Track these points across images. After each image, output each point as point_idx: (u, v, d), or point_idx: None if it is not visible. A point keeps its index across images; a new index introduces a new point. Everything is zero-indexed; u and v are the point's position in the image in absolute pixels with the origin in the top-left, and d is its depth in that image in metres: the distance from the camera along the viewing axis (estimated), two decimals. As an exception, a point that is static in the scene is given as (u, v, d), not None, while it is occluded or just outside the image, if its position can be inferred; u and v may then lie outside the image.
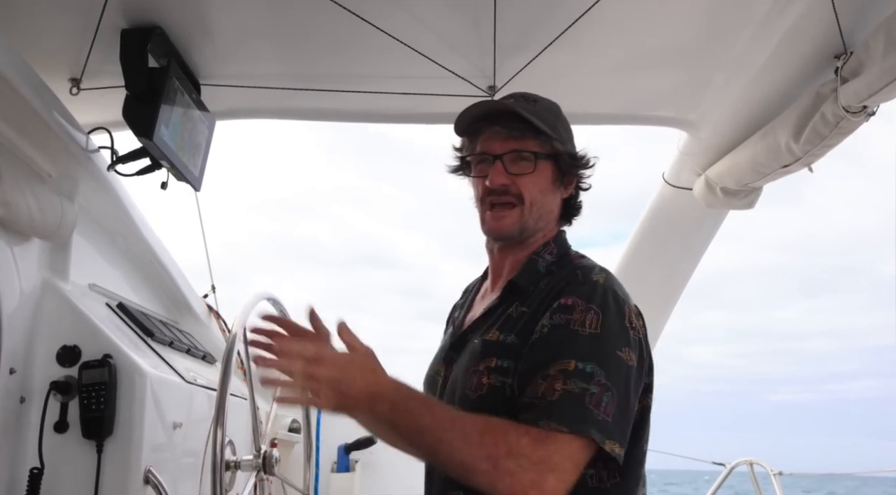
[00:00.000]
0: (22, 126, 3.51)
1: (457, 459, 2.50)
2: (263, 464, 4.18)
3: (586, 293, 2.75)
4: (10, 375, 3.50)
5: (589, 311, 2.69)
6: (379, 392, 2.53)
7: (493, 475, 2.46)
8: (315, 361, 2.51)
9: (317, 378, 2.48)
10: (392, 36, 4.26)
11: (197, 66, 4.63)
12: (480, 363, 2.81)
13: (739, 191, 5.36)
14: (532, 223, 2.97)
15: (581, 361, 2.59)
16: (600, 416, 2.54)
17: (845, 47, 4.11)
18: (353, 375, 2.52)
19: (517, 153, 2.92)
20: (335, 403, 2.50)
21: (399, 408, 2.53)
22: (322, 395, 2.48)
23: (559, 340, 2.67)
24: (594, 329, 2.66)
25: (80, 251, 4.05)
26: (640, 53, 4.68)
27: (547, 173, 2.97)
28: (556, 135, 2.95)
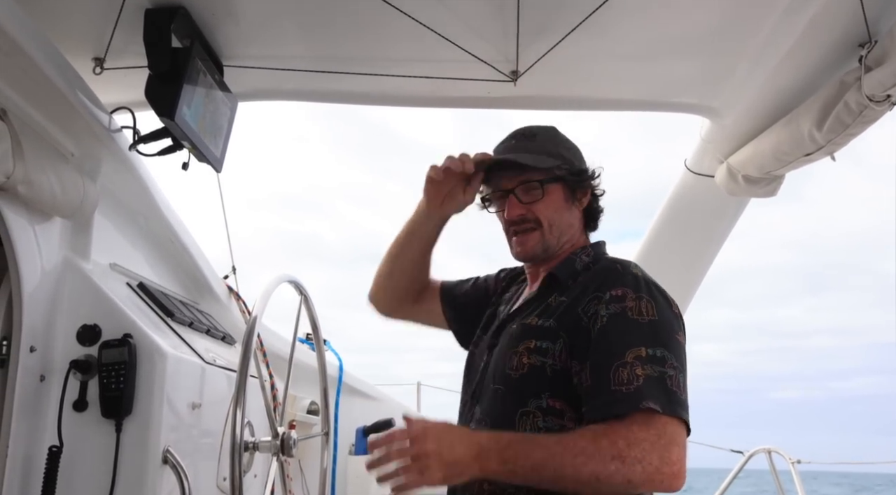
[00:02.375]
0: (45, 105, 3.52)
1: (585, 474, 2.58)
2: (281, 446, 4.19)
3: (632, 283, 2.94)
4: (30, 353, 3.51)
5: (641, 300, 2.87)
6: (481, 450, 2.64)
7: (623, 470, 2.56)
8: (410, 442, 2.64)
9: (423, 454, 2.61)
10: (416, 19, 4.26)
11: (220, 46, 4.63)
12: (520, 344, 3.02)
13: (761, 179, 5.35)
14: (555, 240, 3.27)
15: (650, 347, 2.76)
16: (682, 396, 2.76)
17: (870, 36, 4.10)
18: (450, 443, 2.64)
19: (525, 184, 3.26)
20: (443, 475, 2.62)
21: (507, 456, 2.63)
22: (426, 472, 2.59)
23: (623, 329, 2.83)
24: (652, 316, 2.84)
25: (101, 230, 4.05)
26: (664, 39, 4.66)
27: (558, 194, 3.29)
28: (557, 162, 3.29)
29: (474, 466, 2.62)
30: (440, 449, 2.61)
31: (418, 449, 2.61)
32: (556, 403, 2.92)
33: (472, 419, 3.15)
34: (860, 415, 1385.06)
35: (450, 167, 3.37)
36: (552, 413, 2.92)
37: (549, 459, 2.61)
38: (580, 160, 3.43)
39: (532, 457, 2.62)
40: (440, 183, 3.45)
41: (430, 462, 2.60)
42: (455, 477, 2.65)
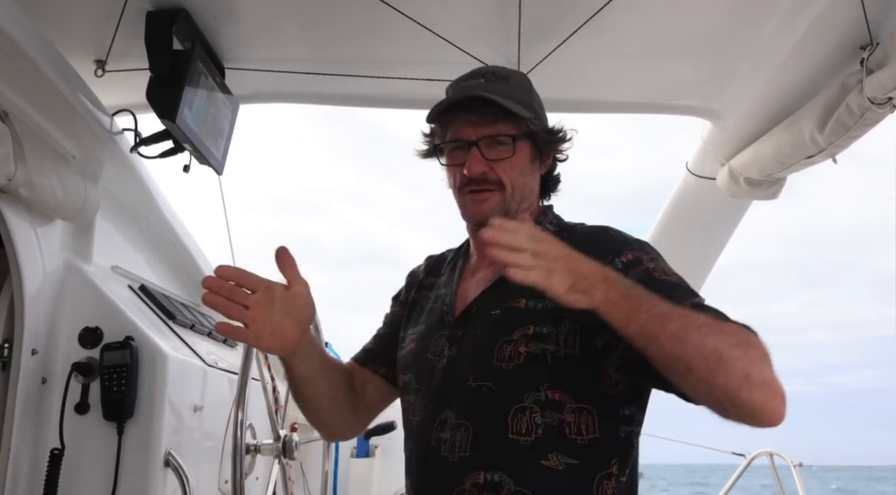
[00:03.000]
0: (47, 107, 3.52)
1: (709, 346, 2.24)
2: (283, 449, 4.19)
3: (636, 246, 2.70)
4: (32, 356, 3.51)
5: (657, 261, 2.65)
6: (609, 274, 2.33)
7: (745, 362, 2.25)
8: (538, 239, 2.30)
9: (543, 256, 2.26)
10: (417, 21, 4.26)
11: (221, 49, 4.64)
12: (515, 332, 2.64)
13: (763, 182, 5.35)
14: (514, 206, 2.83)
15: (689, 298, 2.48)
16: None
17: (871, 38, 4.10)
18: (577, 257, 2.32)
19: (492, 138, 2.78)
20: (571, 281, 2.25)
21: (633, 293, 2.31)
22: (554, 275, 2.24)
23: (662, 286, 2.50)
24: (673, 276, 2.60)
25: (102, 233, 4.06)
26: (666, 42, 4.67)
27: (525, 154, 2.85)
28: (531, 114, 2.83)
29: (601, 287, 2.27)
30: (568, 256, 2.29)
31: (544, 248, 2.27)
32: (555, 395, 2.58)
33: (445, 427, 2.69)
34: (858, 410, 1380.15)
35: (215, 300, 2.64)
36: (551, 406, 2.57)
37: (676, 315, 2.28)
38: (546, 117, 3.00)
39: (659, 306, 2.29)
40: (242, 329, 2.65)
41: (558, 265, 2.25)
42: (580, 292, 2.26)
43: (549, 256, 2.25)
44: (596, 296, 2.26)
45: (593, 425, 2.56)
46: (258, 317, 2.63)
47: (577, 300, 2.25)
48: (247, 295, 2.63)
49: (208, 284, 2.62)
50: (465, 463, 2.60)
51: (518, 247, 2.25)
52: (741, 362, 2.22)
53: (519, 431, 2.56)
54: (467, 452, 2.60)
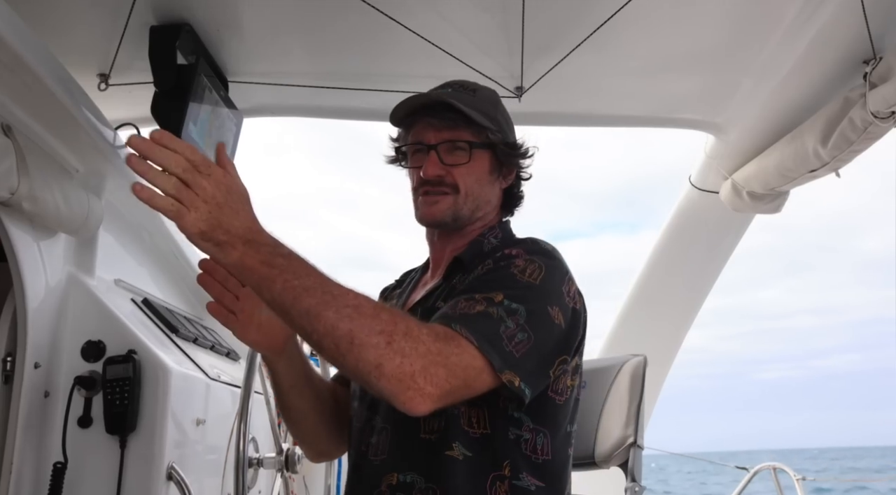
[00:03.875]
0: (50, 121, 3.52)
1: (344, 328, 2.16)
2: (286, 462, 4.19)
3: (534, 249, 2.66)
4: (34, 370, 3.51)
5: (532, 263, 2.58)
6: (258, 239, 2.18)
7: (382, 351, 2.17)
8: (201, 170, 2.14)
9: (196, 187, 2.11)
10: (421, 36, 4.27)
11: (225, 63, 4.65)
12: None
13: (766, 195, 5.35)
14: (467, 212, 2.83)
15: (508, 299, 2.45)
16: (508, 348, 2.38)
17: (874, 52, 4.10)
18: (236, 207, 2.17)
19: (451, 143, 2.80)
20: (206, 227, 2.11)
21: (277, 263, 2.19)
22: (193, 211, 2.09)
23: (495, 278, 2.55)
24: (533, 279, 2.54)
25: (106, 246, 4.06)
26: (668, 56, 4.68)
27: (483, 163, 2.84)
28: (492, 126, 2.84)
29: (238, 247, 2.15)
30: (222, 202, 2.13)
31: (199, 183, 2.11)
32: None
33: (373, 432, 2.72)
34: (843, 392, 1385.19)
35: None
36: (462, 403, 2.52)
37: (318, 291, 2.19)
38: (514, 134, 2.99)
39: (302, 279, 2.19)
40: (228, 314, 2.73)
41: (201, 204, 2.10)
42: (210, 244, 2.13)
43: (201, 193, 2.10)
44: (231, 254, 2.16)
45: (484, 420, 2.56)
46: (246, 309, 2.69)
47: (209, 249, 2.16)
48: (239, 285, 2.67)
49: (204, 266, 2.65)
50: (383, 465, 2.63)
51: (169, 168, 2.10)
52: (377, 351, 2.18)
53: (431, 429, 2.56)
54: (386, 454, 2.63)
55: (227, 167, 2.23)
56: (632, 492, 3.87)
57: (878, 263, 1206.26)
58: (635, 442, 3.87)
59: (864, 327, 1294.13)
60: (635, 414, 3.88)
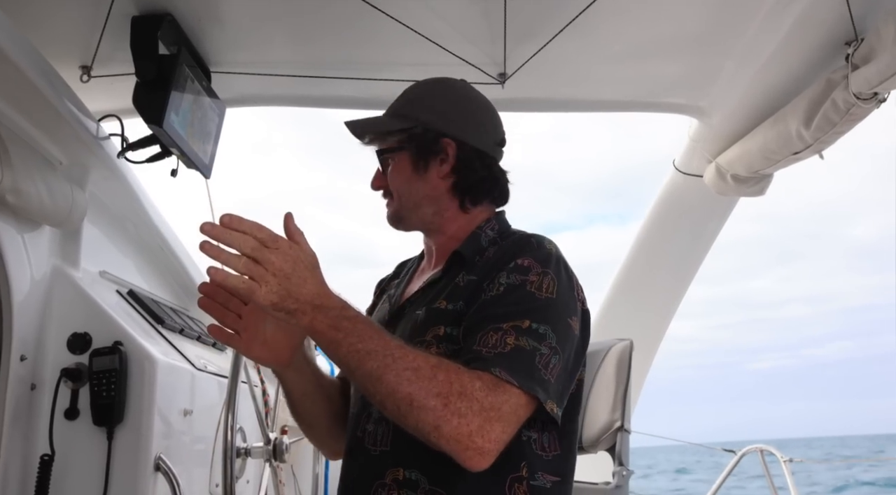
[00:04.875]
0: (33, 113, 3.52)
1: (404, 391, 2.30)
2: (274, 452, 4.19)
3: (543, 258, 2.69)
4: (20, 362, 3.51)
5: (546, 276, 2.63)
6: (325, 303, 2.33)
7: (440, 413, 2.30)
8: (269, 246, 2.27)
9: (266, 263, 2.25)
10: (403, 23, 4.26)
11: (207, 53, 4.63)
12: (428, 332, 2.70)
13: (750, 178, 5.36)
14: (406, 213, 2.95)
15: (535, 322, 2.51)
16: (546, 376, 2.47)
17: (856, 34, 4.11)
18: (303, 276, 2.31)
19: (379, 154, 2.98)
20: (277, 300, 2.25)
21: (343, 326, 2.34)
22: (264, 285, 2.24)
23: (516, 299, 2.58)
24: (550, 293, 2.59)
25: (90, 238, 4.05)
26: (651, 41, 4.68)
27: (403, 163, 2.93)
28: (403, 125, 2.94)
29: (310, 314, 2.30)
30: (290, 273, 2.27)
31: (268, 258, 2.26)
32: None
33: (370, 419, 2.74)
34: (836, 380, 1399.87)
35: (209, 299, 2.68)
36: None
37: (381, 355, 2.32)
38: (441, 116, 2.96)
39: (366, 343, 2.33)
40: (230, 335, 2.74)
41: (271, 278, 2.25)
42: (283, 313, 2.29)
43: (270, 268, 2.26)
44: (302, 320, 2.32)
45: None
46: (250, 326, 2.69)
47: (282, 317, 2.32)
48: (241, 304, 2.67)
49: (204, 290, 2.63)
50: (386, 457, 2.64)
51: (239, 249, 2.25)
52: (435, 413, 2.30)
53: None
54: (388, 447, 2.65)
55: (294, 236, 2.38)
56: (619, 476, 3.88)
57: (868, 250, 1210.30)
58: (622, 426, 3.88)
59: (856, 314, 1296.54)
60: (622, 399, 3.89)
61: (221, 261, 2.23)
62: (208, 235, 2.23)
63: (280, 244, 2.29)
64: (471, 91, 3.08)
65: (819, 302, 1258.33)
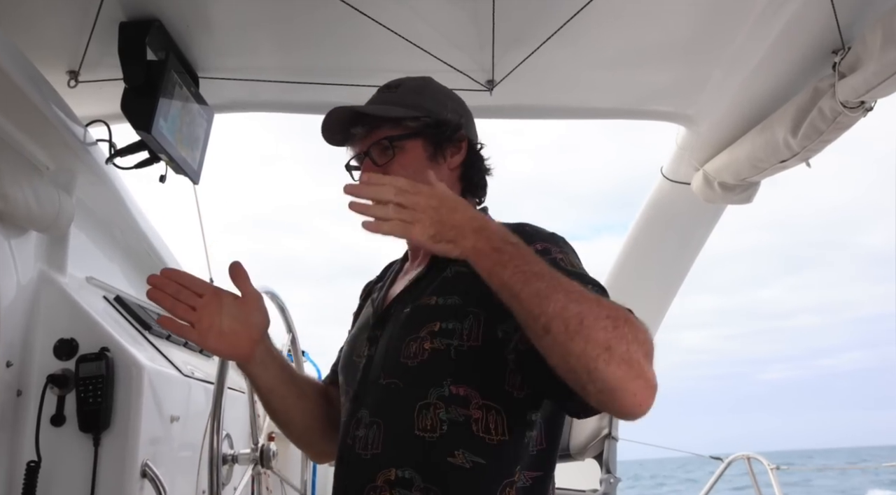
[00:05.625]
0: (19, 118, 3.51)
1: (574, 309, 2.17)
2: (261, 458, 4.19)
3: (550, 239, 2.65)
4: (6, 368, 3.50)
5: (567, 254, 2.60)
6: (486, 226, 2.33)
7: (610, 333, 2.16)
8: (409, 190, 2.34)
9: (412, 206, 2.31)
10: (390, 29, 4.26)
11: (195, 59, 4.63)
12: (421, 329, 2.64)
13: (737, 186, 5.36)
14: None
15: (589, 284, 2.42)
16: None
17: (843, 42, 4.11)
18: (452, 206, 2.35)
19: (377, 144, 2.88)
20: (434, 231, 2.30)
21: (508, 250, 2.29)
22: (418, 224, 2.29)
23: (567, 273, 2.39)
24: (580, 269, 2.56)
25: (77, 244, 4.05)
26: (639, 48, 4.68)
27: (417, 151, 2.88)
28: (416, 113, 2.88)
29: (471, 237, 2.29)
30: (438, 206, 2.32)
31: (412, 199, 2.32)
32: (459, 390, 2.56)
33: (360, 425, 2.70)
34: (849, 391, 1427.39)
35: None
36: (456, 401, 2.55)
37: (549, 276, 2.24)
38: (453, 110, 3.00)
39: (533, 265, 2.26)
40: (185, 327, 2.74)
41: (420, 215, 2.30)
42: (444, 244, 2.30)
43: (416, 207, 2.31)
44: (464, 244, 2.30)
45: (502, 426, 2.54)
46: (204, 318, 2.72)
47: (444, 249, 2.31)
48: (194, 297, 2.71)
49: (153, 281, 2.66)
50: (376, 459, 2.61)
51: (382, 199, 2.32)
52: (606, 333, 2.16)
53: (424, 427, 2.55)
54: (379, 449, 2.61)
55: (434, 185, 2.42)
56: (607, 484, 3.88)
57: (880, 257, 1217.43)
58: (610, 433, 3.89)
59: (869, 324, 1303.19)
60: (610, 406, 3.89)
61: (370, 214, 2.31)
62: (352, 194, 2.35)
63: (420, 188, 2.35)
64: None
65: (830, 311, 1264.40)
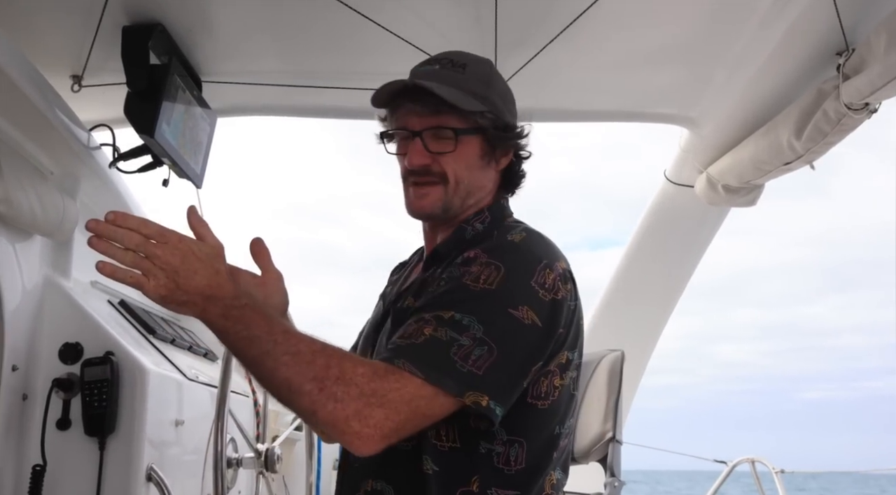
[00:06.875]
0: (24, 123, 3.51)
1: (281, 376, 2.26)
2: (265, 462, 4.18)
3: (493, 247, 2.55)
4: (12, 372, 3.50)
5: (489, 266, 2.47)
6: (216, 294, 2.26)
7: (315, 398, 2.24)
8: (156, 240, 2.22)
9: (153, 258, 2.20)
10: (393, 32, 4.27)
11: (198, 63, 4.63)
12: (396, 334, 2.52)
13: (741, 189, 5.36)
14: (458, 202, 2.71)
15: (459, 313, 2.39)
16: (465, 368, 2.33)
17: (847, 44, 4.11)
18: (193, 268, 2.24)
19: (436, 130, 2.66)
20: (165, 293, 2.21)
21: (232, 315, 2.27)
22: (152, 279, 2.20)
23: (448, 291, 2.47)
24: (488, 285, 2.44)
25: (82, 248, 4.04)
26: (642, 50, 4.68)
27: (473, 148, 2.70)
28: (482, 108, 2.69)
29: (199, 305, 2.25)
30: (179, 267, 2.21)
31: (152, 251, 2.20)
32: None
33: None
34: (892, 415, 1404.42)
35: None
36: None
37: (264, 341, 2.27)
38: (511, 111, 2.84)
39: (251, 330, 2.27)
40: None
41: (158, 272, 2.20)
42: (173, 305, 2.25)
43: (157, 262, 2.21)
44: (194, 311, 2.28)
45: (453, 433, 2.50)
46: None
47: (175, 309, 2.29)
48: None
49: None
50: (362, 469, 2.61)
51: (124, 244, 2.22)
52: (311, 397, 2.25)
53: (406, 439, 2.45)
54: (364, 459, 2.55)
55: (196, 228, 2.37)
56: (611, 487, 3.87)
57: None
58: (614, 436, 3.88)
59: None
60: (613, 409, 3.89)
61: (110, 255, 2.21)
62: (94, 232, 2.23)
63: (168, 238, 2.24)
64: None
65: (876, 332, 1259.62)
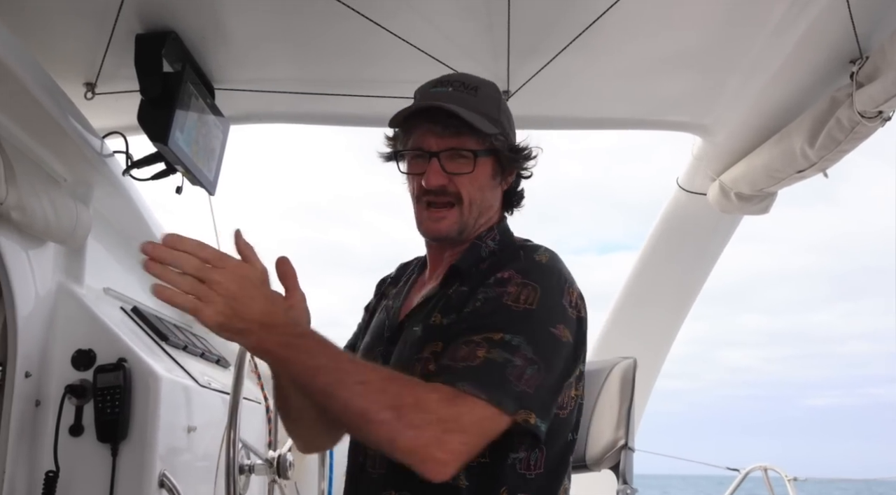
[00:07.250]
0: (37, 130, 3.52)
1: (355, 406, 2.25)
2: (277, 469, 4.18)
3: (525, 268, 2.60)
4: (25, 379, 3.51)
5: (526, 286, 2.53)
6: (272, 322, 2.23)
7: (394, 426, 2.24)
8: (213, 265, 2.17)
9: (211, 283, 2.15)
10: (405, 40, 4.26)
11: (211, 70, 4.64)
12: (424, 349, 2.62)
13: (754, 196, 5.35)
14: (472, 221, 2.77)
15: (509, 333, 2.43)
16: (519, 388, 2.38)
17: (861, 52, 4.10)
18: (251, 295, 2.21)
19: (455, 151, 2.70)
20: (223, 320, 2.15)
21: (293, 344, 2.26)
22: (210, 305, 2.14)
23: (490, 311, 2.50)
24: (529, 304, 2.51)
25: (94, 255, 4.06)
26: (655, 58, 4.67)
27: (487, 170, 2.76)
28: (496, 130, 2.75)
29: (256, 333, 2.20)
30: (236, 293, 2.17)
31: (212, 275, 2.16)
32: None
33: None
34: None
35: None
36: None
37: (331, 370, 2.26)
38: (514, 132, 2.93)
39: (315, 360, 2.26)
40: None
41: (217, 299, 2.15)
42: (229, 333, 2.19)
43: (215, 287, 2.16)
44: (250, 339, 2.23)
45: (486, 448, 2.46)
46: None
47: (230, 337, 2.24)
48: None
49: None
50: (382, 480, 2.61)
51: (182, 269, 2.15)
52: (388, 426, 2.25)
53: None
54: (384, 470, 2.60)
55: (244, 251, 2.33)
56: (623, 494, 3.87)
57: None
58: (626, 444, 3.88)
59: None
60: (626, 417, 3.89)
61: (166, 280, 2.14)
62: (150, 255, 2.14)
63: (226, 263, 2.21)
64: None
65: (883, 340, 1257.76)
